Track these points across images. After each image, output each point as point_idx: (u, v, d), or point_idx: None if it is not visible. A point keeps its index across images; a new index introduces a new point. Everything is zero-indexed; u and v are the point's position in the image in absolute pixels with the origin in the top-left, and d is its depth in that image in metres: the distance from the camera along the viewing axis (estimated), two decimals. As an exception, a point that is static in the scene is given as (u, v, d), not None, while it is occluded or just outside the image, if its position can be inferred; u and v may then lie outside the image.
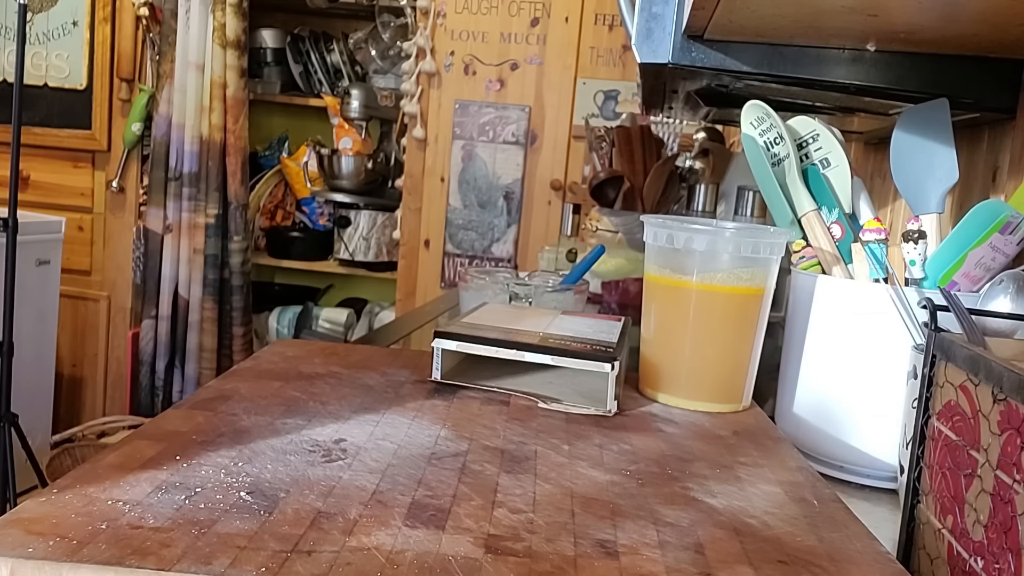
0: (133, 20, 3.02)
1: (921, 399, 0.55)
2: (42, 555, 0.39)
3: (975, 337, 0.54)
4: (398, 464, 0.55)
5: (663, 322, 0.78)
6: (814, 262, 0.81)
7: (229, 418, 0.61)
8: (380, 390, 0.72)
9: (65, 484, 0.47)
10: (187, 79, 2.95)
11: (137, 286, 3.11)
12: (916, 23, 0.73)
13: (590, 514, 0.50)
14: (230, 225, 3.04)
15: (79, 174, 3.15)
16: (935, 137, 0.81)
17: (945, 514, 0.51)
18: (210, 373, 3.03)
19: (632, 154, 1.88)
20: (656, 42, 0.87)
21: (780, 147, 0.84)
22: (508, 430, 0.64)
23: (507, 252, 2.83)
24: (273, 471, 0.52)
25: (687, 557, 0.45)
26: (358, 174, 3.01)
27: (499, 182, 2.80)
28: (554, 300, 0.98)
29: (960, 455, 0.50)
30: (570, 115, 2.75)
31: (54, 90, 3.09)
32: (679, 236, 0.75)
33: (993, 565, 0.45)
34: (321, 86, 3.24)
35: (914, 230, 0.75)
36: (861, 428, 0.75)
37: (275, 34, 3.22)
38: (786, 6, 0.70)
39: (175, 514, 0.44)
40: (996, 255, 0.72)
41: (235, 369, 0.75)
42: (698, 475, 0.58)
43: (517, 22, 2.74)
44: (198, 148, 2.97)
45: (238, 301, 3.08)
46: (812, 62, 0.86)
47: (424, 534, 0.45)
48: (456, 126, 2.80)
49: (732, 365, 0.77)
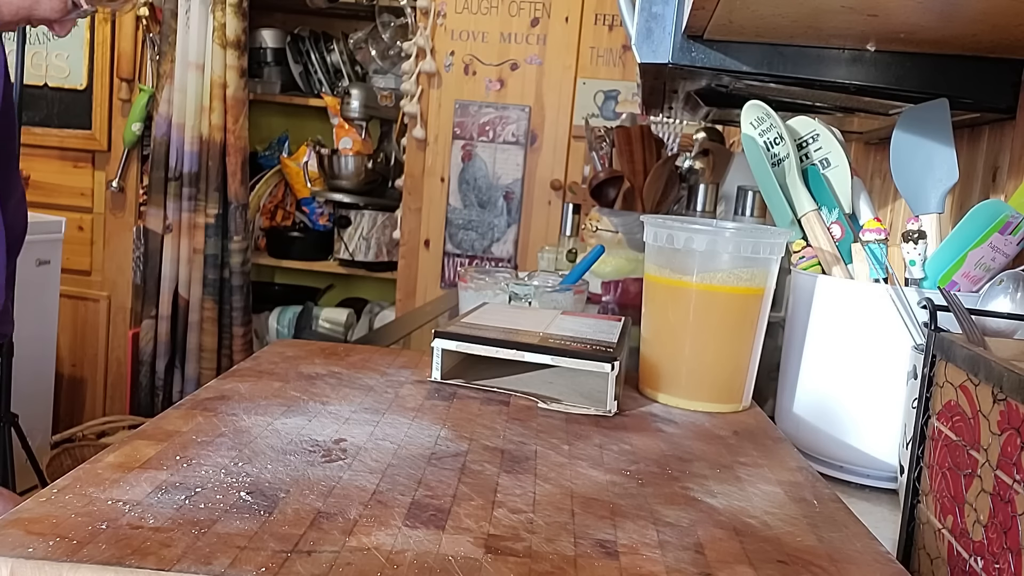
0: (133, 20, 3.02)
1: (921, 399, 0.55)
2: (42, 555, 0.39)
3: (975, 337, 0.54)
4: (398, 464, 0.55)
5: (663, 322, 0.78)
6: (814, 262, 0.81)
7: (229, 418, 0.61)
8: (380, 390, 0.72)
9: (65, 484, 0.47)
10: (187, 79, 2.95)
11: (137, 286, 3.11)
12: (916, 23, 0.73)
13: (590, 514, 0.50)
14: (230, 225, 3.04)
15: (79, 174, 3.15)
16: (935, 137, 0.81)
17: (945, 514, 0.51)
18: (210, 373, 3.03)
19: (632, 154, 1.88)
20: (656, 42, 0.87)
21: (780, 147, 0.84)
22: (508, 430, 0.64)
23: (507, 252, 2.83)
24: (273, 471, 0.52)
25: (687, 557, 0.45)
26: (358, 174, 3.01)
27: (499, 182, 2.80)
28: (554, 300, 0.98)
29: (960, 455, 0.50)
30: (570, 115, 2.75)
31: (54, 90, 3.09)
32: (679, 236, 0.75)
33: (993, 565, 0.45)
34: (321, 86, 3.24)
35: (914, 230, 0.75)
36: (861, 428, 0.75)
37: (275, 34, 3.22)
38: (786, 6, 0.70)
39: (175, 514, 0.44)
40: (996, 255, 0.72)
41: (235, 369, 0.75)
42: (698, 475, 0.58)
43: (517, 22, 2.74)
44: (198, 148, 2.97)
45: (238, 301, 3.08)
46: (812, 62, 0.86)
47: (424, 534, 0.45)
48: (456, 126, 2.80)
49: (732, 365, 0.77)
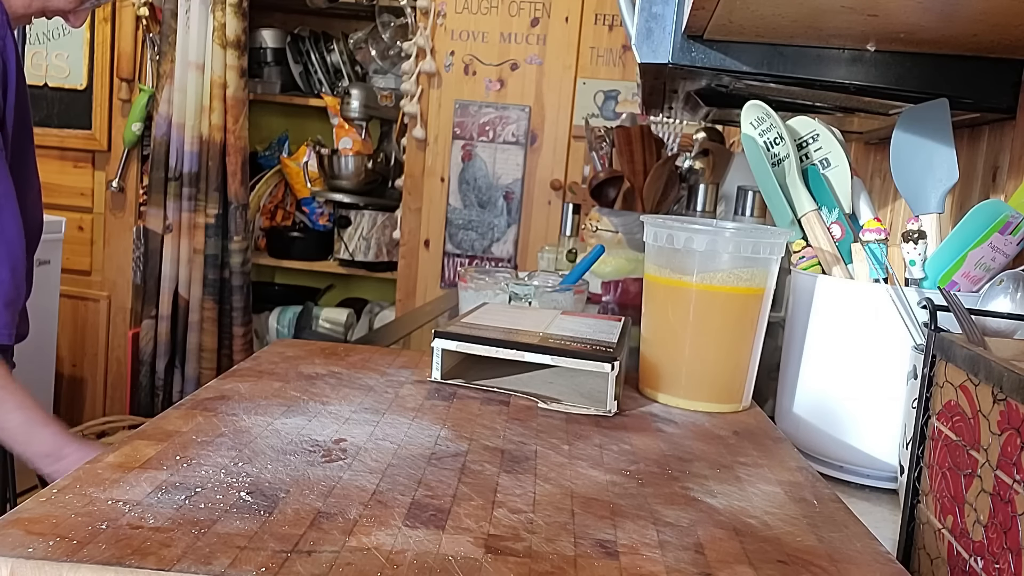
0: (133, 20, 3.02)
1: (921, 399, 0.55)
2: (42, 555, 0.39)
3: (975, 337, 0.54)
4: (398, 464, 0.55)
5: (663, 322, 0.78)
6: (814, 262, 0.81)
7: (229, 418, 0.61)
8: (380, 390, 0.72)
9: (65, 484, 0.47)
10: (187, 79, 2.94)
11: (137, 286, 3.10)
12: (916, 23, 0.73)
13: (590, 514, 0.50)
14: (230, 225, 3.04)
15: (79, 174, 3.15)
16: (935, 137, 0.81)
17: (945, 514, 0.51)
18: (210, 373, 3.03)
19: (632, 154, 1.88)
20: (656, 42, 0.87)
21: (780, 147, 0.84)
22: (508, 430, 0.64)
23: (507, 252, 2.83)
24: (273, 471, 0.52)
25: (687, 557, 0.45)
26: (358, 174, 3.01)
27: (499, 182, 2.80)
28: (554, 300, 0.98)
29: (960, 455, 0.50)
30: (570, 115, 2.75)
31: (54, 90, 3.09)
32: (679, 236, 0.75)
33: (993, 565, 0.45)
34: (321, 86, 3.24)
35: (914, 230, 0.75)
36: (861, 428, 0.75)
37: (275, 34, 3.22)
38: (786, 6, 0.70)
39: (175, 514, 0.44)
40: (996, 255, 0.72)
41: (235, 369, 0.75)
42: (698, 475, 0.58)
43: (517, 22, 2.74)
44: (198, 148, 2.97)
45: (238, 301, 3.08)
46: (812, 62, 0.86)
47: (424, 534, 0.45)
48: (456, 126, 2.80)
49: (732, 365, 0.77)
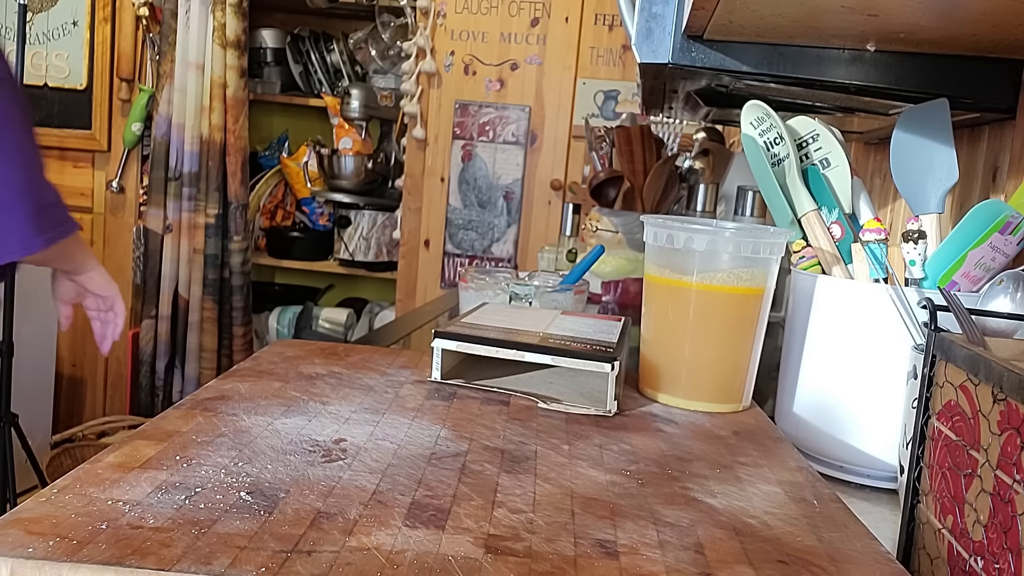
0: (133, 20, 3.02)
1: (921, 399, 0.55)
2: (42, 555, 0.39)
3: (975, 337, 0.54)
4: (398, 464, 0.55)
5: (663, 322, 0.78)
6: (814, 262, 0.81)
7: (229, 418, 0.61)
8: (380, 390, 0.72)
9: (65, 484, 0.47)
10: (187, 79, 2.95)
11: (137, 286, 3.11)
12: (916, 23, 0.73)
13: (590, 514, 0.50)
14: (230, 225, 3.04)
15: (79, 174, 3.15)
16: (935, 137, 0.81)
17: (945, 514, 0.51)
18: (210, 373, 3.03)
19: (632, 154, 1.88)
20: (656, 42, 0.87)
21: (780, 147, 0.84)
22: (508, 430, 0.64)
23: (507, 252, 2.83)
24: (273, 471, 0.52)
25: (687, 557, 0.45)
26: (358, 174, 3.01)
27: (499, 182, 2.80)
28: (554, 300, 0.98)
29: (960, 455, 0.50)
30: (570, 115, 2.75)
31: (54, 90, 3.09)
32: (679, 236, 0.75)
33: (993, 565, 0.45)
34: (321, 86, 3.24)
35: (914, 230, 0.75)
36: (861, 428, 0.75)
37: (275, 34, 3.22)
38: (786, 6, 0.70)
39: (175, 514, 0.44)
40: (996, 255, 0.72)
41: (235, 369, 0.75)
42: (698, 475, 0.58)
43: (517, 22, 2.74)
44: (198, 148, 2.97)
45: (238, 301, 3.08)
46: (812, 62, 0.86)
47: (424, 534, 0.45)
48: (456, 126, 2.80)
49: (732, 365, 0.77)
